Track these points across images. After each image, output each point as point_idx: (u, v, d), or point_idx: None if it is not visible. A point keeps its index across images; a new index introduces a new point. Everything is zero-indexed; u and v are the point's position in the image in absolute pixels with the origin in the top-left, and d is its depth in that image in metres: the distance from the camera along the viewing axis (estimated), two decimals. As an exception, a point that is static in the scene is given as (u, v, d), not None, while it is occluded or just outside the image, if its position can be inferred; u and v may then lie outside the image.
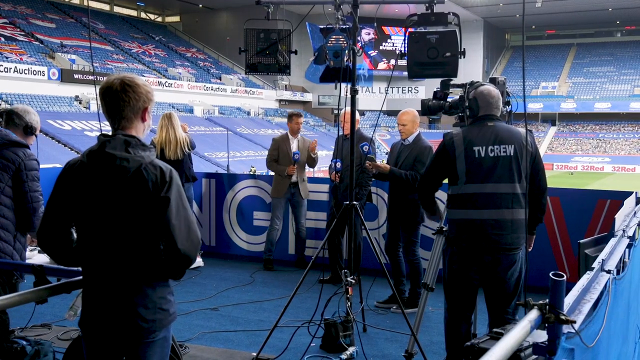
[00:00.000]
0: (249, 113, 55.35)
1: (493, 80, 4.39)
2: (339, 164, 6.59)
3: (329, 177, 7.36)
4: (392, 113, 63.81)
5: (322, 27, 4.85)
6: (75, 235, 2.74)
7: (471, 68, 56.75)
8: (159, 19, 64.34)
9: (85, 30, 50.90)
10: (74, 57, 44.43)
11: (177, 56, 57.47)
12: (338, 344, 4.96)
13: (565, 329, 2.26)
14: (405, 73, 4.81)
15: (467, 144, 3.99)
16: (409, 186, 6.01)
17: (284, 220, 8.07)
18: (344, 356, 4.86)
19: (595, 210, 6.70)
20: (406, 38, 4.61)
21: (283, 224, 8.06)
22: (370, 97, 64.04)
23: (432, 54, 4.53)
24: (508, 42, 73.23)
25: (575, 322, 2.23)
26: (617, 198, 6.61)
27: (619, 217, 4.65)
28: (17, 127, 4.12)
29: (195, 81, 53.11)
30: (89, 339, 2.74)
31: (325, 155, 45.67)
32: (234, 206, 8.56)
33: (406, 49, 4.60)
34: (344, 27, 4.73)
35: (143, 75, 48.35)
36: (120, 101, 2.64)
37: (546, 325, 2.28)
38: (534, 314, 2.27)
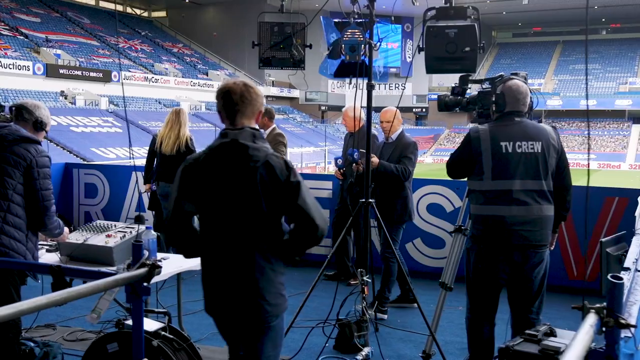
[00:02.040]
0: (236, 109, 55.05)
1: (514, 76, 4.29)
2: (340, 161, 6.50)
3: (333, 174, 7.28)
4: (379, 110, 63.57)
5: (336, 20, 4.73)
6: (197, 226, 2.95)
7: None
8: (145, 14, 63.78)
9: (70, 24, 50.38)
10: (59, 51, 43.95)
11: (164, 51, 57.04)
12: (352, 344, 4.86)
13: (622, 333, 2.18)
14: (394, 70, 4.72)
15: (494, 139, 3.91)
16: (398, 181, 5.83)
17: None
18: (359, 357, 4.76)
19: (603, 207, 6.65)
20: (423, 32, 4.50)
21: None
22: (359, 94, 63.82)
23: (450, 49, 4.42)
24: (494, 40, 73.40)
25: (636, 326, 2.15)
26: (625, 195, 6.58)
27: (639, 214, 4.62)
28: (26, 122, 3.98)
29: (182, 77, 52.75)
30: (218, 322, 2.98)
31: (312, 152, 45.63)
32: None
33: (423, 43, 4.50)
34: (360, 20, 4.62)
35: (129, 71, 47.97)
36: (245, 99, 2.88)
37: (604, 329, 2.20)
38: (593, 318, 2.18)
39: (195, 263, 4.56)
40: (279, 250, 2.87)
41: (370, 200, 4.80)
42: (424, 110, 64.94)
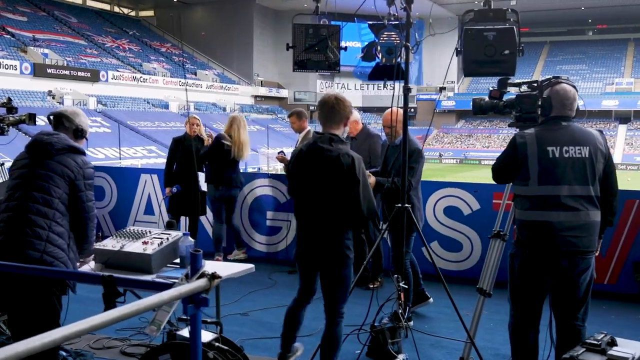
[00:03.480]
0: (224, 109, 54.87)
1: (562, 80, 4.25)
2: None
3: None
4: (368, 109, 63.80)
5: (370, 23, 4.66)
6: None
7: (445, 67, 56.87)
8: (133, 13, 63.38)
9: (58, 23, 49.95)
10: (46, 51, 43.57)
11: (152, 51, 56.74)
12: (386, 350, 4.79)
13: None
14: None
15: (540, 144, 3.86)
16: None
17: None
18: (396, 364, 4.69)
19: (624, 211, 6.61)
20: (462, 35, 4.45)
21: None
22: (347, 94, 63.75)
23: (489, 52, 4.37)
24: (482, 40, 73.64)
25: None
26: (647, 198, 6.56)
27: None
28: (67, 130, 3.91)
29: (171, 76, 52.47)
30: (305, 267, 4.34)
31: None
32: (245, 206, 8.34)
33: (461, 46, 4.44)
34: (396, 22, 4.55)
35: (117, 70, 47.63)
36: (334, 109, 4.09)
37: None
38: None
39: (231, 272, 4.49)
40: (347, 220, 4.08)
41: (406, 205, 4.72)
42: (412, 110, 65.03)
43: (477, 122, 63.35)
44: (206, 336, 3.33)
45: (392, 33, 4.54)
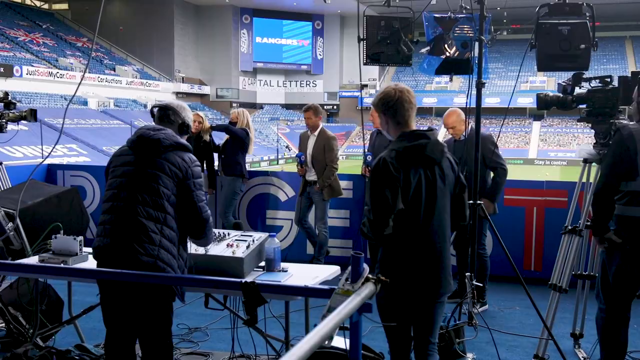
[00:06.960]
0: (145, 105, 53.40)
1: (635, 75, 4.26)
2: (369, 157, 6.35)
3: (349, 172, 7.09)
4: (291, 106, 63.77)
5: (437, 15, 4.53)
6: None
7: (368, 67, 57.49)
8: (45, 6, 60.67)
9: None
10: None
11: (68, 45, 54.52)
12: (453, 350, 4.69)
13: None
14: (305, 67, 4.73)
15: None
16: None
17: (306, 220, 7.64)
18: (469, 363, 4.61)
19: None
20: (535, 29, 4.41)
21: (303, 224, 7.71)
22: (269, 90, 63.82)
23: (564, 46, 4.35)
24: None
25: None
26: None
27: None
28: (172, 124, 3.59)
29: (89, 72, 50.58)
30: (407, 289, 3.31)
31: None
32: (244, 205, 8.06)
33: (535, 40, 4.41)
34: (469, 15, 4.45)
35: (32, 66, 45.47)
36: (409, 106, 3.39)
37: None
38: None
39: (324, 276, 4.17)
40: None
41: (479, 202, 4.64)
42: (335, 107, 65.44)
43: (398, 119, 64.32)
44: (343, 343, 3.12)
45: (465, 26, 4.43)
